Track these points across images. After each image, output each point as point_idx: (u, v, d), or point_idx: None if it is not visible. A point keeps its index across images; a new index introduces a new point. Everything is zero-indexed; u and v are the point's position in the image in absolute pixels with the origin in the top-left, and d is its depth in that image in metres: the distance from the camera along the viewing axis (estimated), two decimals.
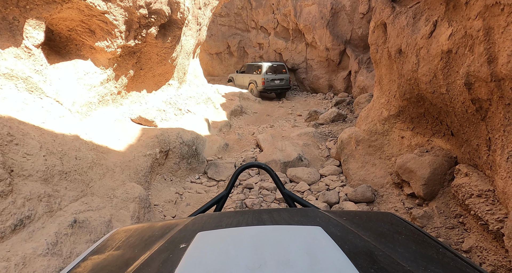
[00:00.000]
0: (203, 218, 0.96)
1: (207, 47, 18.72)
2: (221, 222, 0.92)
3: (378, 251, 0.68)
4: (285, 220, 0.90)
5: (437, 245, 0.78)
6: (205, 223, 0.92)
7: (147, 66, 5.43)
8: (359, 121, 4.92)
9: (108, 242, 0.88)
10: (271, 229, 0.80)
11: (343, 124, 6.65)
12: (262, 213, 1.00)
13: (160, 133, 4.53)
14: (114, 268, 0.69)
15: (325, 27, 12.42)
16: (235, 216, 0.97)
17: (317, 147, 5.74)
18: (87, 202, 2.47)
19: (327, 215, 0.95)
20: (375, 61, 4.65)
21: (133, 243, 0.84)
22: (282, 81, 12.71)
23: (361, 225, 0.88)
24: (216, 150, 5.81)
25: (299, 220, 0.91)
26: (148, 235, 0.88)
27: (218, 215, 1.03)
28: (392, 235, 0.82)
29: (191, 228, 0.86)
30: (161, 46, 5.22)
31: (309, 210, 1.03)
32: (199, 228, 0.85)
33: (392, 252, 0.69)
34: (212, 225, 0.89)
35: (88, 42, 3.97)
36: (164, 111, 5.78)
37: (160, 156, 4.35)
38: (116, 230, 1.00)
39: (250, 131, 7.53)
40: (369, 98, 7.99)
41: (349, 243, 0.71)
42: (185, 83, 7.72)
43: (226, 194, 1.43)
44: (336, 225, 0.84)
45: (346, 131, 4.94)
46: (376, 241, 0.75)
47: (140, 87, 5.57)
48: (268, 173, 1.49)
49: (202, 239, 0.74)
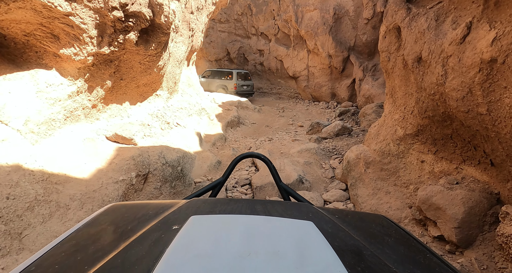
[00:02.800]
0: (198, 202, 0.97)
1: (206, 54, 18.26)
2: (215, 207, 0.92)
3: (366, 251, 0.69)
4: (278, 212, 0.91)
5: (425, 250, 0.77)
6: (199, 207, 0.92)
7: (129, 76, 4.85)
8: (368, 139, 4.28)
9: (102, 216, 0.87)
10: (264, 219, 0.81)
11: (349, 139, 6.01)
12: (257, 203, 1.01)
13: (138, 154, 3.92)
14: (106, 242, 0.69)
15: (328, 33, 11.89)
16: (229, 203, 0.98)
17: (320, 166, 5.09)
18: (4, 266, 1.84)
19: (320, 211, 0.95)
20: (387, 70, 4.03)
21: (127, 219, 0.83)
22: (248, 87, 14.21)
23: (352, 224, 0.88)
24: (206, 169, 5.18)
25: (292, 213, 0.91)
26: (142, 213, 0.87)
27: (212, 200, 1.03)
28: (382, 237, 0.82)
29: (185, 210, 0.86)
30: (144, 53, 4.65)
31: (302, 204, 1.03)
32: (193, 212, 0.85)
33: (381, 253, 0.70)
34: (206, 210, 0.90)
35: (52, 49, 3.40)
36: (148, 125, 5.18)
37: (137, 181, 3.73)
38: (112, 204, 0.98)
39: (247, 145, 6.90)
40: (376, 109, 7.36)
41: (339, 240, 0.72)
42: (176, 94, 7.14)
43: (222, 180, 1.41)
44: (328, 221, 0.85)
45: (354, 150, 4.30)
46: (366, 241, 0.75)
47: (122, 99, 4.99)
48: (266, 164, 1.48)
49: (195, 222, 0.75)
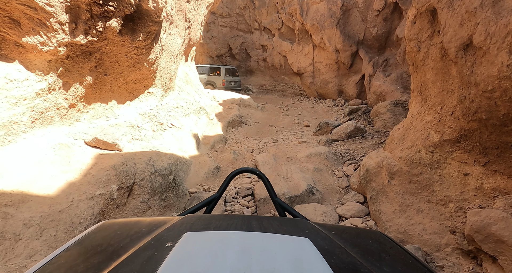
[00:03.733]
0: (192, 219, 0.95)
1: (208, 49, 17.63)
2: (210, 224, 0.90)
3: (363, 268, 0.68)
4: (274, 229, 0.89)
5: (423, 268, 0.75)
6: (193, 223, 0.90)
7: (115, 71, 4.25)
8: (390, 144, 3.66)
9: (93, 234, 0.85)
10: (260, 236, 0.80)
11: (363, 141, 5.38)
12: (252, 219, 0.99)
13: (121, 162, 3.33)
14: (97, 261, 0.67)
15: (335, 27, 11.20)
16: (224, 219, 0.96)
17: (332, 173, 4.48)
18: None
19: (316, 227, 0.93)
20: (415, 63, 3.40)
21: (119, 237, 0.81)
22: (236, 83, 14.32)
23: (349, 240, 0.86)
24: (203, 176, 4.59)
25: (288, 229, 0.89)
26: (134, 230, 0.85)
27: (207, 217, 1.01)
28: (379, 254, 0.81)
29: (179, 227, 0.85)
30: (131, 45, 4.05)
31: (299, 220, 1.02)
32: (187, 228, 0.84)
33: (378, 270, 0.68)
34: (200, 226, 0.88)
35: (11, 37, 2.80)
36: (138, 127, 4.59)
37: (119, 195, 3.15)
38: (103, 222, 0.95)
39: (249, 147, 6.30)
40: (391, 107, 6.71)
41: (336, 257, 0.71)
42: (172, 91, 6.55)
43: (217, 196, 1.38)
44: (324, 238, 0.84)
45: (373, 157, 3.68)
46: (363, 258, 0.74)
47: (107, 97, 4.40)
48: (261, 179, 1.45)
49: (189, 239, 0.74)
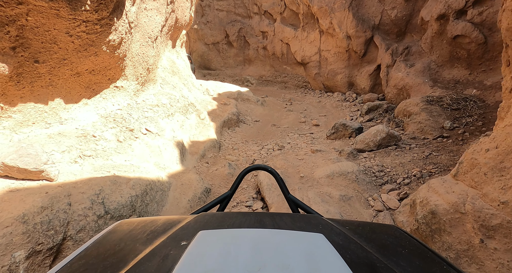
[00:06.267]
0: (206, 217, 0.95)
1: (202, 35, 16.07)
2: (223, 222, 0.91)
3: (380, 263, 0.66)
4: (287, 225, 0.88)
5: (441, 261, 0.72)
6: (207, 222, 0.90)
7: (53, 57, 2.90)
8: (470, 173, 2.38)
9: (110, 234, 0.86)
10: (273, 232, 0.79)
11: (399, 153, 4.09)
12: (265, 216, 0.99)
13: (40, 206, 2.03)
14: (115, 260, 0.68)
15: (347, 9, 9.76)
16: (237, 217, 0.96)
17: (366, 203, 3.22)
18: None
19: (330, 223, 0.92)
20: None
21: (135, 236, 0.82)
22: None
23: (364, 235, 0.84)
24: (186, 205, 3.30)
25: (301, 226, 0.88)
26: (150, 229, 0.86)
27: (220, 215, 1.00)
28: (395, 248, 0.78)
29: (193, 226, 0.86)
30: (72, 17, 2.68)
31: (312, 216, 0.99)
32: (201, 227, 0.84)
33: (395, 265, 0.66)
34: (214, 225, 0.88)
35: None
36: (94, 137, 3.27)
37: (31, 264, 1.87)
38: (119, 222, 0.96)
39: (249, 156, 5.01)
40: (425, 105, 5.41)
41: (351, 253, 0.70)
42: (152, 84, 5.19)
43: (230, 194, 1.34)
44: (338, 233, 0.82)
45: (441, 192, 2.42)
46: (379, 253, 0.72)
47: (46, 95, 3.06)
48: (274, 176, 1.39)
49: (203, 237, 0.74)
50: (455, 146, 3.97)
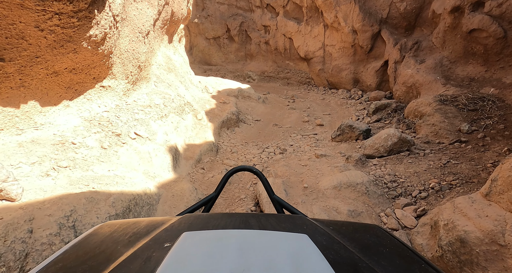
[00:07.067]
0: (190, 218, 0.93)
1: (203, 30, 15.61)
2: (208, 223, 0.89)
3: (362, 263, 0.67)
4: (272, 226, 0.88)
5: (420, 260, 0.74)
6: (191, 223, 0.89)
7: (21, 54, 2.54)
8: (508, 195, 2.01)
9: (90, 237, 0.83)
10: (258, 233, 0.79)
11: (413, 160, 3.71)
12: (250, 217, 0.98)
13: None
14: (95, 263, 0.66)
15: (353, 2, 9.28)
16: (222, 218, 0.95)
17: (378, 220, 2.86)
18: None
19: (314, 223, 0.92)
20: None
21: (117, 238, 0.80)
22: None
23: (347, 235, 0.86)
24: None
25: (286, 226, 0.89)
26: (132, 231, 0.84)
27: (205, 216, 0.98)
28: (376, 248, 0.80)
29: (177, 227, 0.84)
30: (41, 9, 2.31)
31: (296, 217, 1.00)
32: (185, 228, 0.83)
33: (376, 264, 0.68)
34: (198, 226, 0.86)
35: None
36: (73, 144, 2.92)
37: None
38: (101, 225, 0.93)
39: (248, 160, 4.66)
40: (439, 106, 5.00)
41: (334, 253, 0.71)
42: (145, 83, 4.82)
43: (215, 195, 1.33)
44: (322, 234, 0.83)
45: (471, 215, 2.06)
46: (361, 253, 0.73)
47: (17, 97, 2.71)
48: (259, 177, 1.38)
49: (187, 239, 0.73)
50: (475, 152, 3.59)
